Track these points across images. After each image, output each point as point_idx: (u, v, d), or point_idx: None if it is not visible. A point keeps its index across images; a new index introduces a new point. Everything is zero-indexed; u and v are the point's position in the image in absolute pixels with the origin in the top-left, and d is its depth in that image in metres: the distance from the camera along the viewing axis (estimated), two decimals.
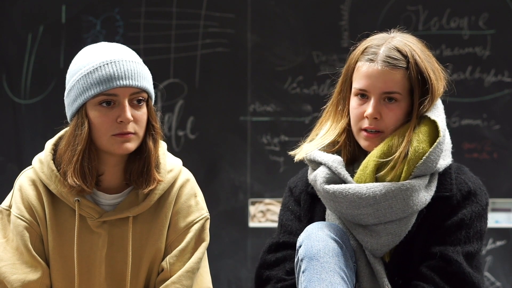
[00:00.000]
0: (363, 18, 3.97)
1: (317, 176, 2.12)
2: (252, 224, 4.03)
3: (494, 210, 3.97)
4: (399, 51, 2.10)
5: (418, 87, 2.09)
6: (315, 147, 2.17)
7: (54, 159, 2.12)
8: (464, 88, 3.97)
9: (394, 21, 3.88)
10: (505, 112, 3.98)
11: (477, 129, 3.99)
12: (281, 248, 2.19)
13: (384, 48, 2.10)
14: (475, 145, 3.99)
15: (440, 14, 4.00)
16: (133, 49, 2.14)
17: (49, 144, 2.15)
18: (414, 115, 2.09)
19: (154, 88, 2.14)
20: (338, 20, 4.01)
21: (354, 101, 2.13)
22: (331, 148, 2.17)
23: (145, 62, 2.13)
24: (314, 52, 4.02)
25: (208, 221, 2.21)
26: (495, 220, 3.98)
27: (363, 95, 2.11)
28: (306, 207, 2.21)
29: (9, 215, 2.12)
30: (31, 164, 2.15)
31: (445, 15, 4.00)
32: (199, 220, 2.18)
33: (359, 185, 2.06)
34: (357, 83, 2.12)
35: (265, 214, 4.03)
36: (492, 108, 3.98)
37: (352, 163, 2.17)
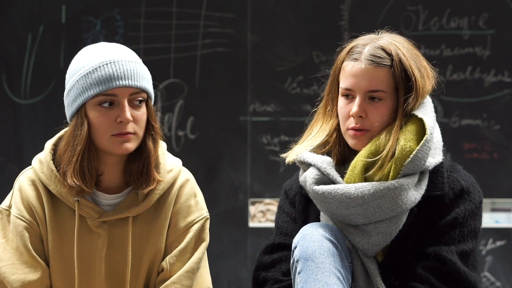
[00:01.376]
0: (363, 18, 3.97)
1: (307, 177, 2.13)
2: (252, 224, 4.03)
3: (494, 210, 3.97)
4: (383, 49, 2.10)
5: (402, 84, 2.09)
6: (305, 148, 2.17)
7: (53, 159, 2.12)
8: (464, 88, 3.97)
9: (394, 21, 3.89)
10: (505, 112, 3.98)
11: (477, 129, 3.99)
12: (277, 250, 2.20)
13: (368, 47, 2.11)
14: (475, 145, 3.99)
15: (440, 14, 4.00)
16: (133, 49, 2.14)
17: (49, 144, 2.15)
18: (399, 113, 2.08)
19: (154, 88, 2.13)
20: (338, 20, 4.01)
21: (341, 101, 2.14)
22: (321, 149, 2.18)
23: (145, 62, 2.13)
24: (314, 52, 4.02)
25: (208, 221, 2.21)
26: (495, 220, 3.98)
27: (350, 95, 2.11)
28: (301, 208, 2.21)
29: (8, 215, 2.12)
30: (31, 164, 2.15)
31: (445, 15, 4.00)
32: (199, 220, 2.18)
33: (348, 185, 2.07)
34: (343, 83, 2.13)
35: (265, 214, 4.03)
36: (492, 108, 3.98)
37: (343, 164, 2.17)
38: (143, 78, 2.07)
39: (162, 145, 2.18)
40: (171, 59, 4.03)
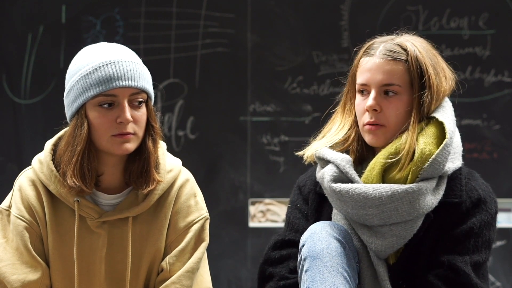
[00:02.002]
0: (363, 18, 3.97)
1: (325, 174, 2.12)
2: (252, 224, 4.03)
3: None
4: (399, 45, 2.10)
5: (417, 80, 2.08)
6: (324, 145, 2.16)
7: (53, 160, 2.11)
8: (464, 88, 3.96)
9: (394, 21, 3.89)
10: (505, 112, 3.98)
11: (477, 129, 3.99)
12: (286, 246, 2.19)
13: (385, 44, 2.11)
14: (475, 145, 3.99)
15: (440, 14, 3.99)
16: (133, 49, 2.14)
17: (49, 145, 2.15)
18: (414, 109, 2.08)
19: (154, 88, 2.13)
20: (338, 20, 4.00)
21: (357, 97, 2.14)
22: (340, 147, 2.17)
23: (145, 62, 2.13)
24: (314, 52, 4.02)
25: (208, 221, 2.21)
26: None
27: (365, 90, 2.11)
28: (314, 206, 2.21)
29: (9, 215, 2.12)
30: (30, 164, 2.15)
31: (445, 15, 4.00)
32: (199, 220, 2.18)
33: (366, 186, 2.06)
34: (359, 79, 2.13)
35: (265, 214, 4.03)
36: (492, 108, 3.98)
37: (361, 163, 2.16)
38: (143, 78, 2.07)
39: (162, 145, 2.18)
40: (171, 59, 4.03)
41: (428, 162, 2.03)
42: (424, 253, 2.07)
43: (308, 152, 2.19)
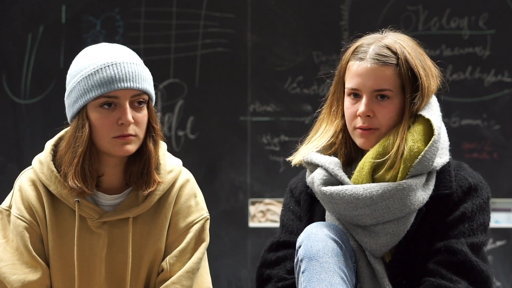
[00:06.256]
0: (363, 18, 3.98)
1: (314, 178, 2.12)
2: (252, 224, 4.03)
3: (494, 210, 3.97)
4: (388, 48, 2.10)
5: (408, 83, 2.08)
6: (311, 149, 2.17)
7: (54, 160, 2.11)
8: (464, 88, 3.97)
9: (394, 21, 3.88)
10: (505, 112, 3.98)
11: (477, 129, 3.99)
12: (282, 247, 2.20)
13: (374, 46, 2.10)
14: (475, 145, 3.99)
15: (440, 14, 4.00)
16: (133, 49, 2.14)
17: (49, 145, 2.14)
18: (406, 112, 2.08)
19: (154, 88, 2.13)
20: (338, 20, 4.01)
21: (347, 101, 2.13)
22: (328, 150, 2.17)
23: (145, 62, 2.13)
24: (314, 52, 4.02)
25: (208, 221, 2.21)
26: (495, 220, 3.98)
27: (356, 95, 2.11)
28: (306, 207, 2.21)
29: (9, 215, 2.12)
30: (31, 165, 2.15)
31: (445, 15, 4.00)
32: (199, 220, 2.18)
33: (356, 186, 2.06)
34: (349, 83, 2.12)
35: (265, 214, 4.03)
36: (492, 108, 3.98)
37: (350, 164, 2.17)
38: (145, 80, 2.07)
39: (163, 146, 2.18)
40: (171, 59, 4.03)
41: (417, 159, 2.04)
42: (420, 247, 2.08)
43: (296, 158, 2.19)
